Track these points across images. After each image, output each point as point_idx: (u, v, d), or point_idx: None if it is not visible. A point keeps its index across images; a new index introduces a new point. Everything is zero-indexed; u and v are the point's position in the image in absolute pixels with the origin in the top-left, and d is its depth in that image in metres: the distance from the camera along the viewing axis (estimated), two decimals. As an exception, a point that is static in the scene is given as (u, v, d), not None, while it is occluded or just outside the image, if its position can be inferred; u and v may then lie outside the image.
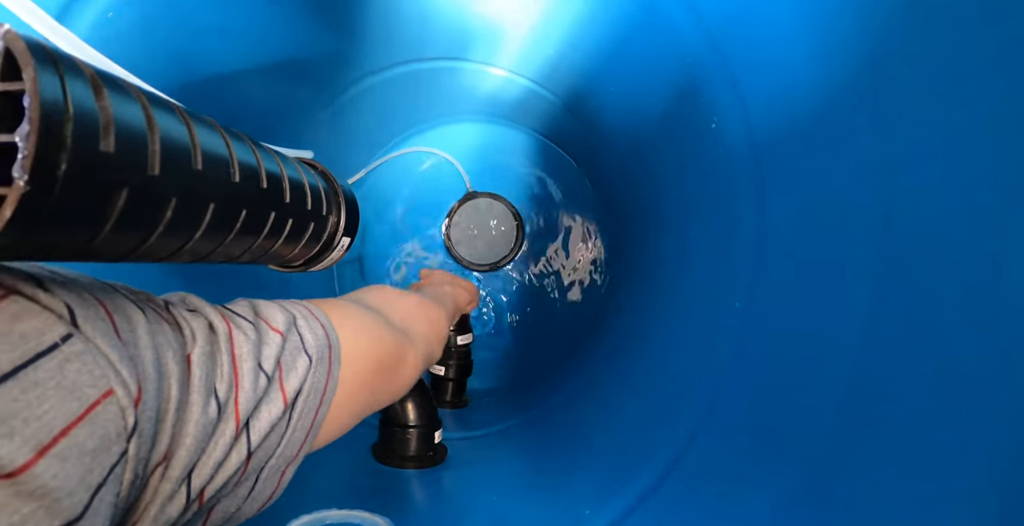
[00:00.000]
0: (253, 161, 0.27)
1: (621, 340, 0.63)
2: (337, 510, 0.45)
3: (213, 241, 0.25)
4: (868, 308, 0.27)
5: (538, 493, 0.46)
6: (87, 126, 0.17)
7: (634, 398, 0.54)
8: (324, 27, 0.60)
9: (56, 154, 0.16)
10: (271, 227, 0.28)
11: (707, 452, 0.39)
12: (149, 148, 0.20)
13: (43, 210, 0.16)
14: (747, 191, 0.38)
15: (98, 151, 0.18)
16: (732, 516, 0.34)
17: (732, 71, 0.38)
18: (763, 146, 0.36)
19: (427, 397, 0.57)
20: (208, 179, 0.23)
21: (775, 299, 0.34)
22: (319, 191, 0.34)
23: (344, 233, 0.36)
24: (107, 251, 0.20)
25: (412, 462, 0.54)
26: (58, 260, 0.19)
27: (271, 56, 0.58)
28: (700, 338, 0.45)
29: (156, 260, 0.24)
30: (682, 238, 0.50)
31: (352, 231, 0.37)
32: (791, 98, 0.33)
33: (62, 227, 0.17)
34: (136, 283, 0.23)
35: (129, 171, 0.19)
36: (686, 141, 0.47)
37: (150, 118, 0.20)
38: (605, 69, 0.54)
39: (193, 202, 0.22)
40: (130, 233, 0.20)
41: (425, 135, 0.84)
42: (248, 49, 0.54)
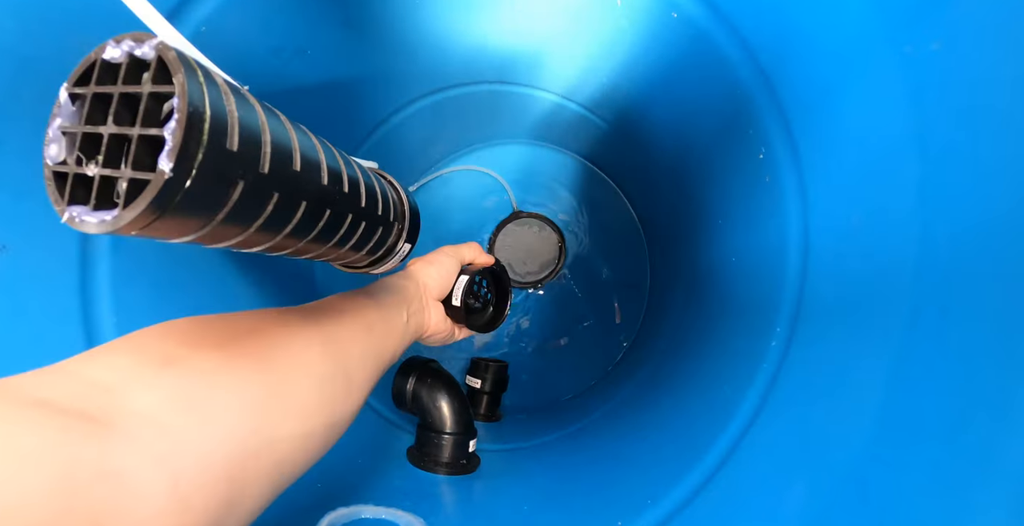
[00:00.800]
0: (337, 166, 0.29)
1: (660, 362, 0.64)
2: (373, 506, 0.47)
3: (298, 237, 0.27)
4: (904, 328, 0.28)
5: (570, 505, 0.47)
6: (219, 126, 0.20)
7: (671, 417, 0.54)
8: (386, 49, 0.64)
9: (195, 148, 0.19)
10: (347, 228, 0.31)
11: (742, 470, 0.40)
12: (262, 149, 0.23)
13: (175, 197, 0.19)
14: (793, 225, 0.39)
15: (224, 148, 0.20)
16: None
17: (780, 103, 0.39)
18: (811, 183, 0.38)
19: (465, 405, 0.58)
20: (303, 180, 0.26)
21: (817, 325, 0.35)
22: (388, 198, 0.36)
23: (406, 239, 0.39)
24: (213, 237, 0.23)
25: (445, 468, 0.55)
26: (172, 240, 0.22)
27: (337, 75, 0.62)
28: (738, 361, 0.46)
29: (246, 249, 0.26)
30: (722, 263, 0.51)
31: (413, 238, 0.39)
32: (841, 137, 0.35)
33: (185, 213, 0.20)
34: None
35: (246, 168, 0.22)
36: (730, 171, 0.48)
37: (263, 123, 0.23)
38: (655, 97, 0.56)
39: (290, 200, 0.25)
40: (235, 224, 0.23)
41: (474, 155, 0.87)
42: (318, 68, 0.58)
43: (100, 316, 0.42)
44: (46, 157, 0.20)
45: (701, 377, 0.53)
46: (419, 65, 0.68)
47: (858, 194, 0.33)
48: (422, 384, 0.58)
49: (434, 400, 0.57)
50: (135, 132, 0.19)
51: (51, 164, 0.20)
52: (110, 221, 0.18)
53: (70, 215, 0.19)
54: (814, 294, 0.35)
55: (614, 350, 0.83)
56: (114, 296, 0.43)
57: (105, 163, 0.20)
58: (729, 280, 0.49)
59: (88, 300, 0.42)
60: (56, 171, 0.20)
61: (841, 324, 0.32)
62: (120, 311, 0.43)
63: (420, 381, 0.58)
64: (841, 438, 0.31)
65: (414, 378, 0.58)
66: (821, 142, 0.37)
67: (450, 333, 0.54)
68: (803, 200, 0.38)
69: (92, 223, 0.19)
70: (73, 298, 0.41)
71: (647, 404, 0.60)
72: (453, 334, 0.55)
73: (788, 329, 0.38)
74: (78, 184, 0.20)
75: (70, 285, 0.41)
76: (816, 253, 0.36)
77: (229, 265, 0.55)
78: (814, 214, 0.37)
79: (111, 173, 0.19)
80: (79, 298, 0.42)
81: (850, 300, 0.32)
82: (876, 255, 0.31)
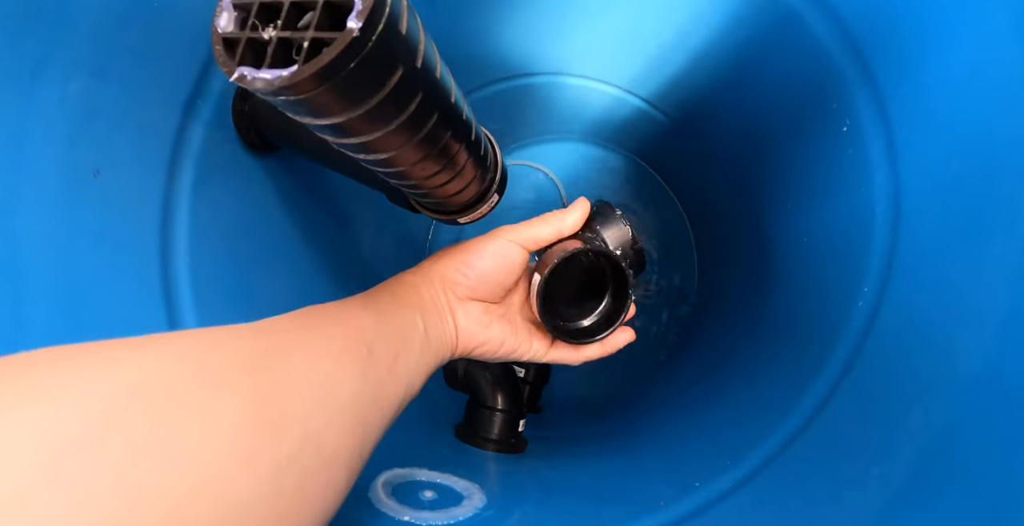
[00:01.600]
0: (459, 94, 0.29)
1: (710, 359, 0.63)
2: (428, 470, 0.46)
3: (421, 150, 0.27)
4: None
5: (630, 478, 0.46)
6: (397, 6, 0.20)
7: (719, 411, 0.53)
8: (459, 33, 0.65)
9: (378, 18, 0.19)
10: (458, 155, 0.31)
11: (789, 469, 0.39)
12: (420, 45, 0.23)
13: (353, 60, 0.19)
14: (880, 192, 0.39)
15: (397, 29, 0.20)
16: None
17: (869, 68, 0.39)
18: (901, 144, 0.37)
19: (516, 384, 0.58)
20: (440, 89, 0.26)
21: (911, 288, 0.35)
22: (488, 146, 0.36)
23: (496, 190, 0.39)
24: (357, 125, 0.23)
25: (494, 445, 0.54)
26: (320, 120, 0.22)
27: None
28: (789, 366, 0.45)
29: (371, 155, 0.26)
30: (789, 247, 0.51)
31: (502, 190, 0.39)
32: (940, 89, 0.34)
33: (351, 85, 0.20)
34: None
35: (407, 54, 0.22)
36: (810, 150, 0.48)
37: (421, 25, 0.23)
38: (729, 85, 0.57)
39: (428, 104, 0.25)
40: (383, 114, 0.23)
41: (527, 150, 0.87)
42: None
43: (177, 248, 0.42)
44: (216, 26, 0.20)
45: (747, 379, 0.52)
46: (482, 52, 0.69)
47: (957, 144, 0.33)
48: (475, 361, 0.57)
49: (487, 376, 0.56)
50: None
51: (220, 31, 0.20)
52: (287, 76, 0.19)
53: (240, 74, 0.19)
54: (908, 252, 0.35)
55: (657, 351, 0.82)
56: (191, 234, 0.43)
57: (283, 28, 0.20)
58: (798, 262, 0.49)
59: (167, 237, 0.42)
60: (227, 37, 0.20)
61: (942, 277, 0.32)
62: (194, 252, 0.43)
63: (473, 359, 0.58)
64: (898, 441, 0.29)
65: (466, 355, 0.58)
66: (915, 101, 0.36)
67: (507, 344, 0.41)
68: (892, 164, 0.38)
69: (265, 79, 0.19)
70: (153, 231, 0.41)
71: (695, 397, 0.59)
72: (523, 346, 0.42)
73: (875, 300, 0.37)
74: (246, 50, 0.20)
75: (152, 220, 0.41)
76: (908, 209, 0.36)
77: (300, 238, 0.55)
78: (905, 173, 0.36)
79: (291, 35, 0.19)
80: (159, 233, 0.42)
81: (951, 249, 0.31)
82: (979, 198, 0.30)
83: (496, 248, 0.39)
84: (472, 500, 0.43)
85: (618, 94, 0.73)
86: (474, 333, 0.39)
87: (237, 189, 0.48)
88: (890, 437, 0.29)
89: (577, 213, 0.42)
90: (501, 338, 0.40)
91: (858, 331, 0.36)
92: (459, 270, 0.39)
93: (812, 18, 0.43)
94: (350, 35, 0.18)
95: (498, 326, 0.40)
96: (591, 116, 0.80)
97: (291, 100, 0.20)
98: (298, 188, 0.56)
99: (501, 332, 0.41)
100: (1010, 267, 0.27)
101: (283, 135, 0.47)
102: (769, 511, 0.36)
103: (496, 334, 0.40)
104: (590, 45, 0.68)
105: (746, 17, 0.49)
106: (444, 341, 0.37)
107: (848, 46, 0.41)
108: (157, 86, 0.41)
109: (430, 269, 0.39)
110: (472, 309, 0.40)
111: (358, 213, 0.67)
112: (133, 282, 0.40)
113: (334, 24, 0.19)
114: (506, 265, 0.39)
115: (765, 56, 0.50)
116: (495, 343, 0.40)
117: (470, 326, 0.39)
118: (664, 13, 0.56)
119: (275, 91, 0.19)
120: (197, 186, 0.44)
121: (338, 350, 0.27)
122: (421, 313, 0.35)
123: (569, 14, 0.63)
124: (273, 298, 0.50)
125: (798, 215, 0.50)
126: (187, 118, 0.44)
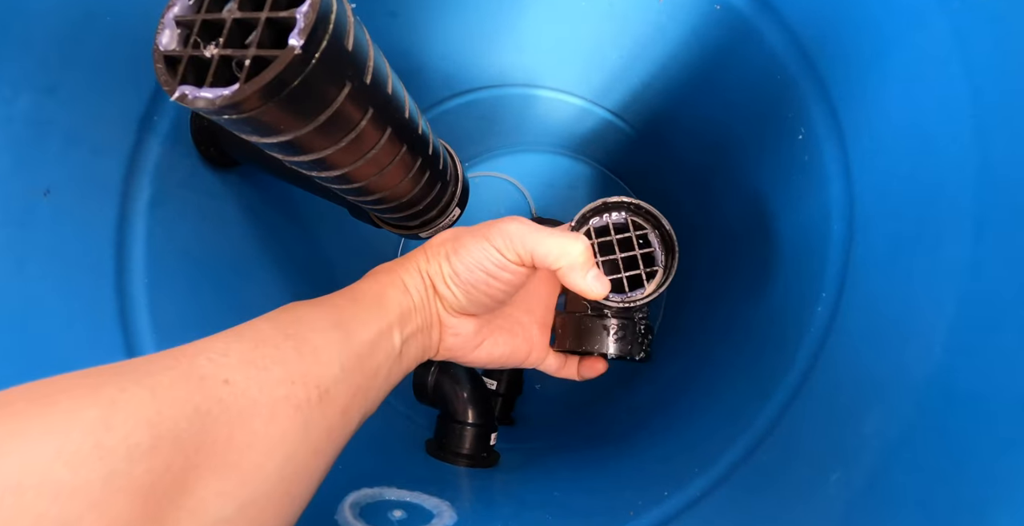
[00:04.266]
0: (413, 108, 0.29)
1: (677, 369, 0.63)
2: (396, 489, 0.45)
3: (375, 166, 0.27)
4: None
5: (600, 490, 0.46)
6: (341, 24, 0.20)
7: (686, 420, 0.53)
8: (425, 45, 0.65)
9: (322, 34, 0.19)
10: (416, 170, 0.31)
11: (759, 471, 0.39)
12: (369, 61, 0.23)
13: (296, 77, 0.19)
14: (836, 194, 0.40)
15: (343, 45, 0.20)
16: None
17: (821, 78, 0.40)
18: (854, 150, 0.38)
19: (487, 398, 0.57)
20: (392, 105, 0.26)
21: (867, 286, 0.35)
22: (445, 156, 0.36)
23: (457, 204, 0.39)
24: (307, 142, 0.23)
25: (465, 460, 0.54)
26: (267, 139, 0.21)
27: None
28: (753, 373, 0.46)
29: (324, 172, 0.26)
30: (752, 249, 0.52)
31: (463, 203, 0.39)
32: (887, 99, 0.35)
33: (296, 102, 0.20)
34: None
35: (355, 70, 0.22)
36: (766, 157, 0.49)
37: (369, 40, 0.23)
38: (689, 94, 0.58)
39: (380, 120, 0.25)
40: (331, 130, 0.23)
41: (496, 161, 0.87)
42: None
43: (133, 269, 0.41)
44: (158, 44, 0.20)
45: (720, 384, 0.52)
46: (452, 64, 0.69)
47: (905, 152, 0.34)
48: (445, 374, 0.57)
49: (457, 390, 0.56)
50: (263, 15, 0.19)
51: (162, 49, 0.20)
52: (229, 95, 0.18)
53: (181, 93, 0.19)
54: (863, 257, 0.36)
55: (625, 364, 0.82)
56: (148, 254, 0.42)
57: (224, 46, 0.19)
58: (761, 269, 0.49)
59: (122, 257, 0.41)
60: (168, 55, 0.20)
61: (895, 273, 0.32)
62: (151, 273, 0.42)
63: (443, 371, 0.57)
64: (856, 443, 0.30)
65: (436, 368, 0.57)
66: (865, 108, 0.37)
67: (498, 360, 0.38)
68: (846, 172, 0.39)
69: (206, 98, 0.19)
70: (108, 252, 0.40)
71: (668, 404, 0.59)
72: (518, 357, 0.40)
73: (834, 298, 0.37)
74: (188, 68, 0.20)
75: (106, 240, 0.40)
76: (861, 214, 0.37)
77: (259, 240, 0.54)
78: (859, 179, 0.37)
79: (233, 53, 0.19)
80: (114, 254, 0.41)
81: (903, 254, 0.32)
82: (928, 203, 0.31)
83: (491, 266, 0.31)
84: (442, 518, 0.42)
85: (584, 105, 0.74)
86: (462, 352, 0.36)
87: (197, 206, 0.48)
88: (847, 443, 0.30)
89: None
90: (489, 355, 0.38)
91: (817, 337, 0.37)
92: (455, 251, 0.32)
93: (766, 30, 0.44)
94: (292, 52, 0.18)
95: (491, 344, 0.37)
96: (559, 127, 0.81)
97: (235, 119, 0.19)
98: (261, 204, 0.56)
99: (492, 348, 0.38)
100: (959, 273, 0.28)
101: (244, 150, 0.46)
102: (736, 518, 0.36)
103: (484, 354, 0.37)
104: (556, 56, 0.68)
105: (703, 29, 0.50)
106: (423, 352, 0.34)
107: (801, 57, 0.42)
108: (111, 102, 0.41)
109: (416, 255, 0.33)
110: (463, 327, 0.35)
111: (325, 229, 0.67)
112: (87, 306, 0.39)
113: (278, 41, 0.19)
114: (504, 290, 0.33)
115: (723, 67, 0.51)
116: (483, 360, 0.38)
117: (457, 345, 0.36)
118: (624, 25, 0.57)
119: (218, 110, 0.19)
120: (154, 204, 0.43)
121: (281, 399, 0.24)
122: (400, 325, 0.31)
123: (535, 25, 0.63)
124: (236, 319, 0.49)
125: (760, 222, 0.51)
126: (143, 134, 0.43)
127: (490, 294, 0.33)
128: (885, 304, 0.32)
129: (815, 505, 0.29)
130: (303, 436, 0.25)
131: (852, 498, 0.27)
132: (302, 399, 0.25)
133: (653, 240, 0.39)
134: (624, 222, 0.39)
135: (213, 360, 0.23)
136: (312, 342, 0.27)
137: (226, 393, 0.22)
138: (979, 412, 0.25)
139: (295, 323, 0.28)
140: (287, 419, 0.24)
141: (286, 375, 0.25)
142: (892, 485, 0.26)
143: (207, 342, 0.25)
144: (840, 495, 0.28)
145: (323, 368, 0.26)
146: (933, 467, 0.25)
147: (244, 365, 0.24)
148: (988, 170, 0.27)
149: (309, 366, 0.26)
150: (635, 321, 0.40)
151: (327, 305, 0.30)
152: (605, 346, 0.39)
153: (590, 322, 0.39)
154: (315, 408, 0.25)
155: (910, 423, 0.26)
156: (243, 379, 0.23)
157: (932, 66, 0.32)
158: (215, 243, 0.49)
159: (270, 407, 0.24)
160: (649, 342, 0.40)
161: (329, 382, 0.26)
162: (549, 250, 0.30)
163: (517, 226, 0.31)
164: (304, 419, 0.25)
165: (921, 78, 0.33)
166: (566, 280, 0.31)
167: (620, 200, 0.39)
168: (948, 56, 0.31)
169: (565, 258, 0.30)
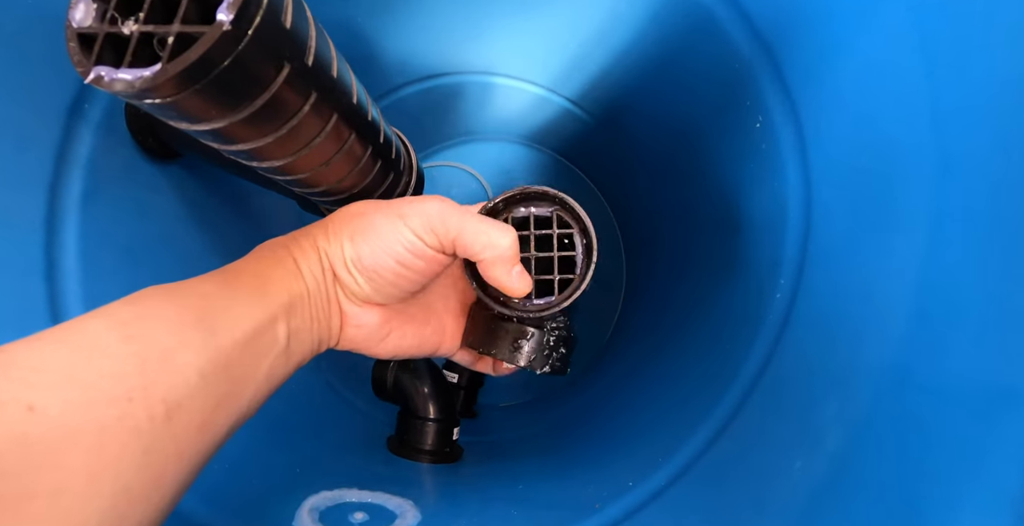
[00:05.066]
0: (361, 92, 0.28)
1: (638, 357, 0.63)
2: (358, 489, 0.44)
3: (321, 155, 0.26)
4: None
5: (569, 478, 0.46)
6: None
7: (649, 408, 0.53)
8: (381, 29, 0.63)
9: (255, 10, 0.17)
10: (366, 160, 0.29)
11: (722, 459, 0.39)
12: (310, 41, 0.21)
13: (226, 58, 0.17)
14: (793, 181, 0.40)
15: (279, 22, 0.19)
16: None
17: (778, 65, 0.40)
18: (811, 137, 0.39)
19: (448, 392, 0.56)
20: (338, 90, 0.24)
21: (823, 272, 0.36)
22: (398, 145, 0.35)
23: (412, 194, 0.37)
24: (242, 131, 0.21)
25: (428, 456, 0.53)
26: (196, 127, 0.20)
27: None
28: (714, 360, 0.46)
29: (264, 163, 0.24)
30: (714, 233, 0.52)
31: (419, 193, 0.38)
32: (844, 86, 0.35)
33: (227, 86, 0.18)
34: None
35: (293, 51, 0.20)
36: (725, 145, 0.49)
37: (311, 19, 0.22)
38: (647, 82, 0.57)
39: (324, 105, 0.23)
40: (270, 117, 0.21)
41: (454, 150, 0.86)
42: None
43: (66, 269, 0.39)
44: (70, 19, 0.18)
45: (677, 371, 0.52)
46: (406, 50, 0.67)
47: (862, 140, 0.34)
48: (404, 369, 0.55)
49: (418, 385, 0.55)
50: (186, -14, 0.17)
51: (76, 26, 0.18)
52: (149, 76, 0.17)
53: (97, 74, 0.17)
54: (820, 246, 0.36)
55: (591, 347, 0.82)
56: (82, 255, 0.39)
57: (145, 22, 0.18)
58: (721, 256, 0.50)
59: (52, 259, 0.38)
60: (82, 32, 0.18)
61: (850, 266, 0.33)
62: (86, 275, 0.40)
63: (403, 366, 0.56)
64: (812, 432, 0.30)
65: (396, 363, 0.56)
66: (821, 97, 0.38)
67: (407, 351, 0.34)
68: (803, 160, 0.39)
69: (125, 80, 0.17)
70: (36, 253, 0.38)
71: (629, 393, 0.59)
72: (428, 346, 0.35)
73: (793, 282, 0.38)
74: (105, 47, 0.18)
75: (34, 240, 0.38)
76: (818, 203, 0.37)
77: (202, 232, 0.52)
78: (816, 167, 0.38)
79: (155, 29, 0.17)
80: (43, 254, 0.38)
81: (861, 243, 0.32)
82: (885, 192, 0.31)
83: (405, 253, 0.28)
84: (406, 518, 0.41)
85: (542, 93, 0.73)
86: (366, 345, 0.32)
87: (135, 201, 0.45)
88: (808, 430, 0.30)
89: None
90: (396, 348, 0.33)
91: (776, 325, 0.37)
92: (349, 269, 0.28)
93: (724, 18, 0.44)
94: (220, 28, 0.16)
95: (398, 336, 0.33)
96: (517, 115, 0.79)
97: (159, 103, 0.18)
98: (206, 198, 0.53)
99: (400, 340, 0.33)
100: (914, 261, 0.28)
101: (185, 140, 0.44)
102: (702, 506, 0.36)
103: (390, 346, 0.33)
104: (513, 43, 0.67)
105: (662, 16, 0.50)
106: (318, 344, 0.29)
107: (758, 45, 0.42)
108: (35, 88, 0.38)
109: (315, 232, 0.29)
110: (366, 318, 0.31)
111: (276, 224, 0.64)
112: (16, 309, 0.36)
113: (205, 17, 0.18)
114: (415, 280, 0.30)
115: (681, 54, 0.50)
116: (389, 352, 0.33)
117: (359, 337, 0.31)
118: (582, 11, 0.56)
119: (138, 93, 0.17)
120: (87, 200, 0.40)
121: (112, 422, 0.19)
122: (287, 316, 0.26)
123: (492, 11, 0.62)
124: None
125: (718, 210, 0.51)
126: (73, 123, 0.40)
127: (398, 284, 0.29)
128: (843, 292, 0.32)
129: (780, 492, 0.29)
130: (142, 463, 0.20)
131: (816, 484, 0.27)
132: (142, 419, 0.20)
133: (578, 244, 0.34)
134: (548, 217, 0.34)
135: (18, 379, 0.19)
136: (161, 344, 0.22)
137: (32, 425, 0.18)
138: (936, 396, 0.25)
139: (140, 320, 0.23)
140: (119, 447, 0.19)
141: (122, 391, 0.20)
142: (855, 470, 0.26)
143: (13, 351, 0.20)
144: (804, 481, 0.28)
145: (174, 377, 0.22)
146: (894, 451, 0.25)
147: (61, 383, 0.19)
148: (945, 161, 0.28)
149: (155, 376, 0.21)
150: (545, 330, 0.34)
151: (189, 293, 0.25)
152: (504, 353, 0.33)
153: (493, 324, 0.34)
154: (161, 428, 0.21)
155: (869, 409, 0.27)
156: (58, 403, 0.19)
157: (889, 56, 0.32)
158: (156, 240, 0.46)
159: (96, 435, 0.19)
160: (562, 355, 0.35)
161: (181, 395, 0.22)
162: (476, 238, 0.27)
163: (439, 205, 0.27)
164: (144, 445, 0.20)
165: (878, 68, 0.33)
166: (488, 273, 0.29)
167: (544, 191, 0.33)
168: (905, 46, 0.31)
169: (491, 249, 0.27)
